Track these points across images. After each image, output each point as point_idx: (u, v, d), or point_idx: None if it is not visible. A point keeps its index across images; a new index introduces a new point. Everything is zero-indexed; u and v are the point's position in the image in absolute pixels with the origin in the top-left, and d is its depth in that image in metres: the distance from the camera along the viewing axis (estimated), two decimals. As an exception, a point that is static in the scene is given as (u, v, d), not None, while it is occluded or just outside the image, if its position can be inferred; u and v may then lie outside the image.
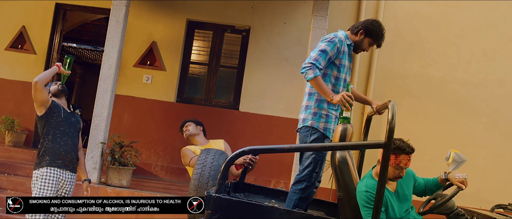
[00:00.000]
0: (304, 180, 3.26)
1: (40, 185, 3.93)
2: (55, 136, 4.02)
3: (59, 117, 4.05)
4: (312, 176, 3.25)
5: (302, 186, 3.26)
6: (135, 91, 7.48)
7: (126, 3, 6.03)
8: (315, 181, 3.29)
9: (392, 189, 3.08)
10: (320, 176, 3.52)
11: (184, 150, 4.54)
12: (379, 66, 7.21)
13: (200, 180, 3.42)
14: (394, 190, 3.09)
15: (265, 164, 6.43)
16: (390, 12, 7.30)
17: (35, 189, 3.94)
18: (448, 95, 7.14)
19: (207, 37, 7.73)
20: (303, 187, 3.25)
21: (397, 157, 2.97)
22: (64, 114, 4.09)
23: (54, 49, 7.80)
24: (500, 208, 4.22)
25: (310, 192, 3.28)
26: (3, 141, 7.14)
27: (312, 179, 3.26)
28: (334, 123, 3.35)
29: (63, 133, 4.06)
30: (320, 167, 3.31)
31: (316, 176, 3.28)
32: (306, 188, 3.25)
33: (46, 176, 3.94)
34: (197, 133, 4.62)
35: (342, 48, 3.33)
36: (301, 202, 3.26)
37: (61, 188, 4.07)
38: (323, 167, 3.39)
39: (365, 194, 2.92)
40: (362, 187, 2.97)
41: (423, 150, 6.87)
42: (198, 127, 4.66)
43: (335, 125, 3.35)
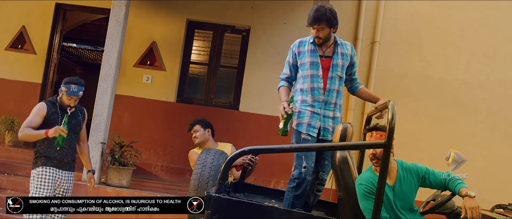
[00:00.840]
0: (295, 178, 3.36)
1: (37, 185, 3.93)
2: (51, 141, 4.00)
3: (57, 125, 4.02)
4: (301, 172, 3.33)
5: (294, 184, 3.35)
6: (135, 91, 7.48)
7: (126, 3, 6.03)
8: (306, 176, 3.32)
9: (390, 183, 3.08)
10: (323, 179, 3.53)
11: (191, 154, 4.52)
12: (379, 66, 7.21)
13: (200, 180, 3.42)
14: (392, 184, 3.09)
15: (265, 164, 6.44)
16: (390, 12, 7.30)
17: (32, 189, 3.94)
18: (448, 95, 7.14)
19: (207, 37, 7.73)
20: (295, 184, 3.34)
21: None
22: (62, 121, 4.03)
23: (54, 49, 7.80)
24: (500, 208, 4.21)
25: (304, 189, 3.33)
26: (3, 141, 7.14)
27: (302, 175, 3.32)
28: (308, 118, 3.44)
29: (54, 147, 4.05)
30: (307, 162, 3.35)
31: (306, 172, 3.33)
32: (298, 185, 3.32)
33: (42, 175, 3.93)
34: (206, 140, 4.56)
35: (298, 49, 3.55)
36: (296, 200, 3.32)
37: (59, 187, 4.06)
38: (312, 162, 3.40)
39: (359, 186, 2.99)
40: (358, 179, 3.05)
41: (423, 150, 6.88)
42: (206, 130, 4.58)
43: (309, 119, 3.43)
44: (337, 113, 3.53)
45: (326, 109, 3.46)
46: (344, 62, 3.51)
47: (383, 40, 7.26)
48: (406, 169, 3.14)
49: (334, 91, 3.47)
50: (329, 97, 3.46)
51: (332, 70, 3.46)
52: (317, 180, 3.53)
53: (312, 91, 3.45)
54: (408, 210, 3.10)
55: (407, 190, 3.11)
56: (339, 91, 3.51)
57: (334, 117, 3.50)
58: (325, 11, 3.41)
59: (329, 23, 3.42)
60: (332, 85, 3.46)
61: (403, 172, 3.12)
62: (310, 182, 3.41)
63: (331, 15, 3.42)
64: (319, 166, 3.51)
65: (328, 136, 3.46)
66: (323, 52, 3.50)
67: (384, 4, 7.28)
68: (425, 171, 3.14)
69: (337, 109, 3.53)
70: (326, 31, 3.44)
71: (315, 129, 3.44)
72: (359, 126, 6.95)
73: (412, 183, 3.12)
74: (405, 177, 3.12)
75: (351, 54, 3.57)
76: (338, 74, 3.48)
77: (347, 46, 3.58)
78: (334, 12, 3.46)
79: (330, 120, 3.48)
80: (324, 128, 3.45)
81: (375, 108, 3.41)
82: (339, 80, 3.50)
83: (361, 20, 7.24)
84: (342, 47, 3.55)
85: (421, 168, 3.16)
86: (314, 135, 3.43)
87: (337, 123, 3.49)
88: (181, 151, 7.30)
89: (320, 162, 3.51)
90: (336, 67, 3.48)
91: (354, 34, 7.26)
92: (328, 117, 3.47)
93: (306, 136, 3.42)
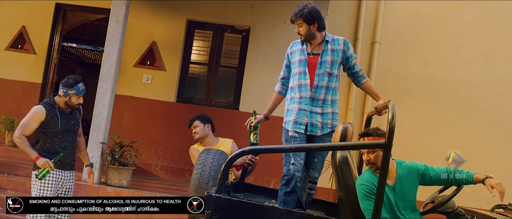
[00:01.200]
0: (284, 175, 3.44)
1: (40, 186, 3.92)
2: (53, 144, 4.00)
3: (56, 128, 4.01)
4: (289, 169, 3.40)
5: (283, 181, 3.43)
6: (135, 91, 7.47)
7: (126, 3, 6.03)
8: (294, 173, 3.38)
9: (390, 183, 3.08)
10: (314, 177, 3.56)
11: (192, 150, 4.52)
12: (379, 66, 7.21)
13: (200, 180, 3.42)
14: (392, 184, 3.09)
15: (265, 164, 6.43)
16: (390, 12, 7.30)
17: (35, 190, 3.93)
18: (448, 95, 7.14)
19: (207, 37, 7.73)
20: (284, 181, 3.42)
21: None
22: (61, 123, 4.02)
23: (54, 49, 7.80)
24: (500, 208, 4.21)
25: (294, 185, 3.38)
26: (3, 141, 7.14)
27: (291, 171, 3.39)
28: (295, 115, 3.54)
29: (61, 140, 4.05)
30: (295, 159, 3.40)
31: (295, 168, 3.39)
32: (288, 182, 3.40)
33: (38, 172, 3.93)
34: (206, 135, 4.57)
35: (290, 50, 3.72)
36: (287, 197, 3.38)
37: (61, 187, 4.06)
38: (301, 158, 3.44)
39: (360, 187, 3.00)
40: (359, 180, 3.06)
41: (423, 150, 6.88)
42: (206, 126, 4.59)
43: (296, 116, 3.54)
44: (327, 109, 3.55)
45: (313, 106, 3.52)
46: (334, 58, 3.56)
47: (383, 40, 7.27)
48: (405, 168, 3.14)
49: (322, 87, 3.52)
50: (317, 93, 3.52)
51: (320, 67, 3.53)
52: (308, 178, 3.57)
53: (299, 88, 3.55)
54: (409, 210, 3.10)
55: (408, 189, 3.11)
56: (328, 88, 3.54)
57: (322, 113, 3.54)
58: (303, 8, 3.58)
59: (306, 20, 3.55)
60: (320, 81, 3.52)
61: (402, 172, 3.12)
62: (300, 179, 3.45)
63: (308, 12, 3.54)
64: (308, 163, 3.56)
65: (317, 131, 3.51)
66: (311, 50, 3.60)
67: (384, 4, 7.28)
68: (424, 168, 3.15)
69: (327, 105, 3.55)
70: (304, 27, 3.57)
71: (302, 126, 3.51)
72: (359, 126, 6.95)
73: (412, 181, 3.13)
74: (405, 176, 3.12)
75: (343, 49, 3.60)
76: (326, 71, 3.53)
77: (339, 41, 3.62)
78: (313, 10, 3.56)
79: (318, 116, 3.53)
80: (311, 123, 3.51)
81: (375, 108, 3.42)
82: (328, 76, 3.54)
83: (361, 20, 7.24)
84: (332, 44, 3.60)
85: (420, 165, 3.16)
86: (301, 131, 3.50)
87: (326, 119, 3.54)
88: (181, 151, 7.30)
89: (309, 160, 3.56)
90: (324, 64, 3.53)
91: (354, 34, 7.26)
92: (315, 113, 3.52)
93: (293, 133, 3.51)
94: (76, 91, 4.03)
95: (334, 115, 3.58)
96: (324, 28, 3.62)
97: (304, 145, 3.44)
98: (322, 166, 3.62)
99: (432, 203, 3.25)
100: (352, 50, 3.65)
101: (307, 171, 3.57)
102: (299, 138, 3.48)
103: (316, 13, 3.56)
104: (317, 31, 3.59)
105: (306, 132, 3.51)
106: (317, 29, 3.57)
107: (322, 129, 3.52)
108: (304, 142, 3.49)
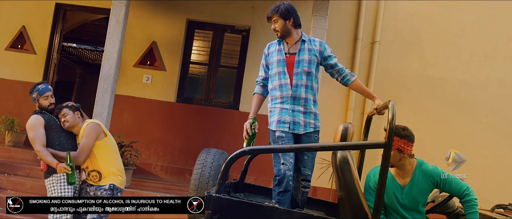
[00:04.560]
0: (275, 175, 3.44)
1: (61, 189, 3.89)
2: (61, 145, 4.00)
3: (57, 125, 4.04)
4: (280, 168, 3.40)
5: (276, 181, 3.43)
6: (135, 91, 7.47)
7: (126, 3, 6.03)
8: (285, 172, 3.38)
9: (403, 183, 3.07)
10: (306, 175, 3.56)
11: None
12: (379, 65, 7.21)
13: (200, 180, 3.42)
14: (403, 184, 3.07)
15: (265, 164, 6.42)
16: (390, 12, 7.30)
17: (55, 193, 3.88)
18: (448, 95, 7.14)
19: (207, 37, 7.73)
20: (277, 182, 3.42)
21: (408, 145, 3.12)
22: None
23: (54, 49, 7.80)
24: (500, 208, 4.22)
25: (286, 184, 3.38)
26: (3, 141, 7.14)
27: (281, 171, 3.39)
28: (278, 115, 3.58)
29: (67, 138, 4.06)
30: (285, 158, 3.41)
31: (285, 167, 3.39)
32: (280, 182, 3.40)
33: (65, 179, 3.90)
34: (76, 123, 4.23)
35: (267, 51, 3.73)
36: (281, 197, 3.38)
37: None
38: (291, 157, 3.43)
39: (368, 177, 3.10)
40: (372, 171, 3.14)
41: (423, 150, 6.86)
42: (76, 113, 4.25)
43: (279, 116, 3.57)
44: (310, 109, 3.56)
45: (296, 104, 3.54)
46: (311, 57, 3.58)
47: (383, 40, 7.27)
48: (422, 172, 3.10)
49: (302, 86, 3.54)
50: (297, 92, 3.53)
51: (298, 66, 3.56)
52: (300, 176, 3.56)
53: (280, 88, 3.59)
54: (414, 212, 3.09)
55: (418, 192, 3.08)
56: (308, 86, 3.56)
57: (305, 112, 3.54)
58: (280, 4, 3.64)
59: (282, 15, 3.61)
60: (299, 80, 3.54)
61: (419, 175, 3.09)
62: (292, 178, 3.45)
63: (284, 8, 3.61)
64: (298, 161, 3.55)
65: (300, 129, 3.52)
66: (288, 49, 3.63)
67: (384, 4, 7.28)
68: (441, 179, 3.07)
69: (309, 105, 3.56)
70: (280, 23, 3.62)
71: (286, 124, 3.52)
72: (359, 126, 6.95)
73: (425, 187, 3.09)
74: (419, 180, 3.09)
75: (319, 49, 3.63)
76: (304, 70, 3.55)
77: (315, 42, 3.66)
78: (289, 6, 3.63)
79: (301, 115, 3.54)
80: (294, 122, 3.52)
81: (375, 109, 3.42)
82: (306, 75, 3.55)
83: (361, 20, 7.23)
84: (309, 43, 3.63)
85: (438, 174, 3.08)
86: (286, 129, 3.51)
87: (309, 118, 3.54)
88: (181, 151, 7.31)
89: (299, 157, 3.56)
90: (301, 63, 3.56)
91: (354, 34, 7.26)
92: (298, 111, 3.53)
93: (280, 133, 3.52)
94: (37, 92, 4.02)
95: (316, 115, 3.61)
96: (300, 25, 3.66)
97: (304, 145, 3.44)
98: (313, 163, 3.61)
99: (432, 202, 3.25)
100: (330, 50, 3.67)
101: (299, 170, 3.57)
102: (287, 138, 3.49)
103: (292, 9, 3.63)
104: (293, 28, 3.62)
105: (289, 131, 3.53)
106: (292, 25, 3.62)
107: (305, 127, 3.53)
108: (291, 141, 3.50)
